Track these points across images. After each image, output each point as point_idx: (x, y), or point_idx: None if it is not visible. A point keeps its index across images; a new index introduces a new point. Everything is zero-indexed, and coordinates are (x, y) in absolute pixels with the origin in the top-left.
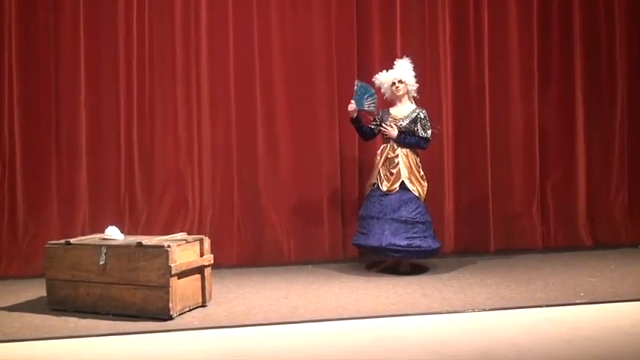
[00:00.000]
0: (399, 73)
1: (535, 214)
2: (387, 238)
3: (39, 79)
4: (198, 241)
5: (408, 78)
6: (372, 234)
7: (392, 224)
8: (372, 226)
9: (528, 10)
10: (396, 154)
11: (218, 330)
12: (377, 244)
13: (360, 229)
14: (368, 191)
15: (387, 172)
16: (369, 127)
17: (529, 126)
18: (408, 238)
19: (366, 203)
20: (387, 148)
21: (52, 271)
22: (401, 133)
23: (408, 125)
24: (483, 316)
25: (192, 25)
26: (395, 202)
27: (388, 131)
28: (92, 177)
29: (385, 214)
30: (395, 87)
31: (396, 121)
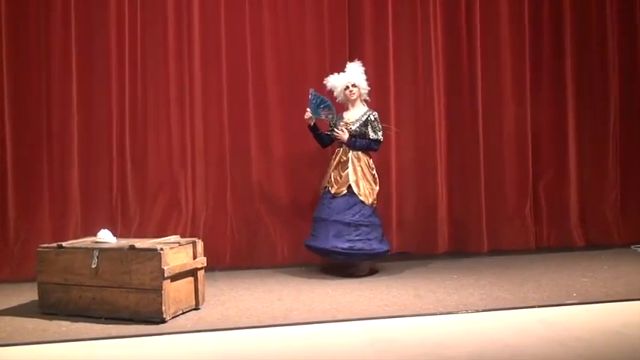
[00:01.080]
0: (352, 77)
1: (528, 215)
2: (331, 240)
3: (30, 81)
4: (191, 243)
5: (361, 82)
6: (319, 236)
7: (335, 226)
8: (320, 228)
9: (520, 12)
10: (347, 157)
11: (211, 333)
12: (322, 246)
13: (312, 231)
14: (321, 194)
15: (337, 176)
16: (326, 134)
17: (521, 128)
18: (350, 240)
19: (318, 205)
20: (339, 152)
21: (44, 275)
22: (352, 137)
23: (358, 128)
24: (477, 317)
25: (185, 28)
26: (342, 204)
27: (340, 135)
28: (84, 180)
29: (331, 216)
30: (349, 91)
31: (347, 125)
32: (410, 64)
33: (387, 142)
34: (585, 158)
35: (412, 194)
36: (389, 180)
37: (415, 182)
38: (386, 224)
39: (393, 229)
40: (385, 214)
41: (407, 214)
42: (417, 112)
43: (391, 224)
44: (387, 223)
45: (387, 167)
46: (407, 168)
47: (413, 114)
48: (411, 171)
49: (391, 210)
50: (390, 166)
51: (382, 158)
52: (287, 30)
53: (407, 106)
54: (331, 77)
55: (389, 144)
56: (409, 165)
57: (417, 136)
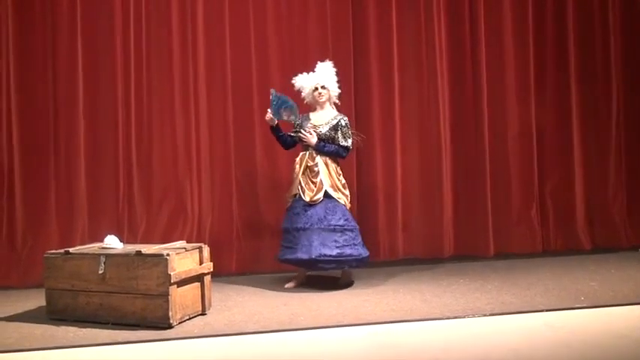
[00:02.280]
0: (322, 78)
1: (534, 218)
2: (317, 249)
3: (36, 89)
4: (197, 249)
5: (331, 84)
6: (299, 246)
7: (320, 234)
8: (298, 238)
9: (523, 14)
10: (315, 162)
11: (218, 338)
12: (306, 257)
13: (286, 243)
14: (289, 203)
15: (308, 182)
16: (289, 135)
17: (526, 130)
18: (339, 247)
19: (289, 215)
20: (305, 156)
21: (52, 281)
22: (320, 141)
23: (327, 132)
24: (484, 322)
25: (190, 34)
26: (321, 211)
27: (307, 138)
28: (91, 186)
29: (312, 224)
30: (318, 93)
31: (316, 128)
32: (414, 65)
33: (392, 145)
34: (591, 160)
35: (417, 198)
36: (394, 183)
37: (420, 186)
38: (391, 228)
39: (399, 233)
40: (390, 218)
41: (412, 217)
42: (421, 115)
43: (396, 228)
44: (392, 227)
45: (392, 170)
46: (412, 171)
47: (417, 116)
48: (415, 174)
49: (396, 214)
50: (395, 170)
51: (386, 162)
52: (291, 35)
53: (411, 109)
54: (300, 77)
55: (393, 147)
56: (414, 168)
57: (421, 139)
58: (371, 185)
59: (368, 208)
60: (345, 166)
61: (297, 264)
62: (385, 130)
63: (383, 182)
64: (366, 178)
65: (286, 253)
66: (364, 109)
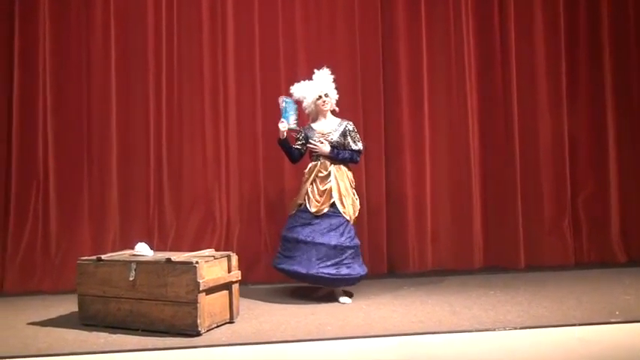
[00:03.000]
0: (324, 86)
1: (566, 230)
2: (315, 266)
3: (71, 99)
4: (225, 257)
5: (332, 91)
6: (298, 259)
7: (320, 250)
8: (298, 250)
9: (555, 19)
10: (327, 171)
11: (246, 346)
12: (304, 271)
13: (284, 252)
14: (294, 211)
15: (315, 192)
16: (296, 148)
17: (558, 139)
18: (336, 266)
19: (291, 224)
20: (317, 167)
21: (84, 287)
22: (333, 148)
23: (339, 139)
24: (514, 335)
25: (220, 45)
26: (325, 225)
27: (319, 148)
28: (122, 194)
29: (313, 238)
30: (322, 101)
31: (325, 136)
32: (443, 73)
33: (421, 154)
34: (626, 169)
35: (446, 208)
36: (423, 193)
37: (449, 196)
38: (420, 239)
39: (428, 243)
40: (419, 228)
41: (441, 228)
42: (450, 124)
43: (425, 239)
44: (421, 237)
45: (421, 180)
46: (441, 181)
47: (447, 125)
48: (445, 184)
49: (425, 224)
50: (424, 179)
51: (415, 171)
52: (319, 46)
53: (441, 117)
54: (300, 86)
55: (423, 156)
56: (443, 178)
57: (451, 149)
58: (400, 195)
59: (397, 218)
60: (374, 175)
61: (292, 276)
62: (414, 139)
63: (412, 192)
64: (395, 188)
65: (282, 262)
66: (393, 118)
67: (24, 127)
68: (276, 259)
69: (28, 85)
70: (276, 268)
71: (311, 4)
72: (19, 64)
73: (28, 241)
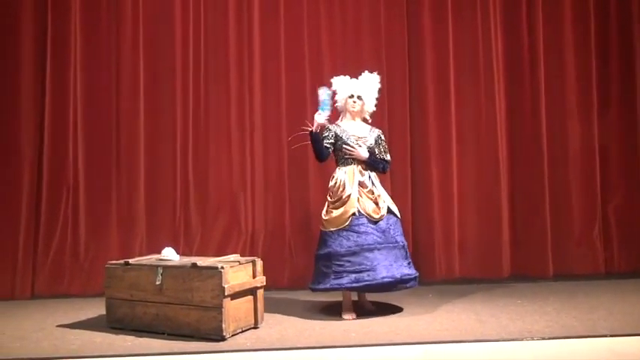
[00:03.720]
0: (360, 88)
1: (596, 239)
2: (399, 268)
3: (101, 106)
4: (250, 262)
5: (369, 97)
6: (378, 268)
7: (395, 252)
8: (372, 259)
9: (585, 23)
10: (366, 176)
11: (270, 352)
12: (391, 278)
13: (351, 268)
14: (346, 223)
15: (365, 198)
16: (325, 146)
17: (588, 146)
18: (409, 265)
19: (350, 235)
20: (354, 171)
21: (112, 291)
22: (370, 154)
23: (373, 145)
24: (542, 345)
25: (246, 52)
26: (385, 227)
27: (356, 152)
28: (149, 200)
29: (386, 241)
30: (353, 101)
31: (361, 140)
32: (471, 82)
33: (448, 161)
34: None
35: (474, 216)
36: (450, 201)
37: (477, 203)
38: (447, 247)
39: (455, 252)
40: (446, 236)
41: (468, 236)
42: (479, 134)
43: (453, 247)
44: (449, 245)
45: (448, 188)
46: (468, 189)
47: (475, 135)
48: (473, 193)
49: (453, 232)
50: (452, 187)
51: (442, 178)
52: (345, 52)
53: (468, 125)
54: (340, 78)
55: (450, 163)
56: (471, 187)
57: (478, 156)
58: (427, 202)
59: (423, 226)
60: (399, 182)
61: (375, 289)
62: (441, 147)
63: (439, 199)
64: (421, 195)
65: (360, 278)
66: (419, 125)
67: (55, 135)
68: (328, 279)
69: (58, 95)
70: (340, 287)
71: (336, 10)
72: (51, 73)
73: (58, 246)
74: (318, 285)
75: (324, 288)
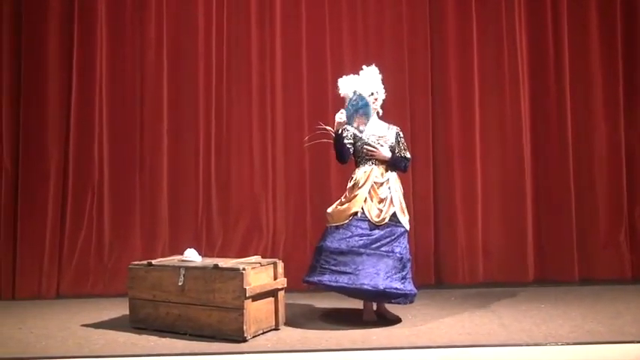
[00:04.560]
0: (375, 84)
1: (623, 243)
2: (385, 279)
3: (126, 109)
4: (272, 264)
5: (381, 90)
6: (361, 273)
7: (387, 262)
8: (358, 263)
9: (612, 27)
10: (385, 178)
11: (291, 354)
12: (371, 287)
13: (335, 267)
14: (346, 221)
15: (374, 200)
16: (347, 147)
17: (614, 148)
18: (402, 280)
19: (342, 235)
20: (372, 171)
21: (135, 291)
22: (392, 153)
23: (394, 144)
24: (567, 351)
25: (268, 54)
26: (386, 235)
27: (378, 151)
28: (172, 201)
29: (378, 248)
30: (374, 99)
31: (381, 139)
32: (496, 82)
33: (472, 164)
34: None
35: (498, 220)
36: (474, 205)
37: (502, 207)
38: (471, 251)
39: (479, 256)
40: (470, 240)
41: (493, 240)
42: (503, 134)
43: (477, 251)
44: (473, 249)
45: (473, 191)
46: (493, 192)
47: (499, 136)
48: (497, 195)
49: (477, 236)
50: (476, 190)
51: (466, 181)
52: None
53: (493, 128)
54: (347, 80)
55: (473, 167)
56: (495, 189)
57: (503, 159)
58: (449, 205)
59: (446, 229)
60: (421, 183)
61: (352, 294)
62: (464, 149)
63: (462, 201)
64: (443, 198)
65: (339, 279)
66: (442, 125)
67: (81, 138)
68: (315, 273)
69: (84, 97)
70: (329, 286)
71: (358, 10)
72: (77, 75)
73: (83, 247)
74: (306, 277)
75: (306, 280)
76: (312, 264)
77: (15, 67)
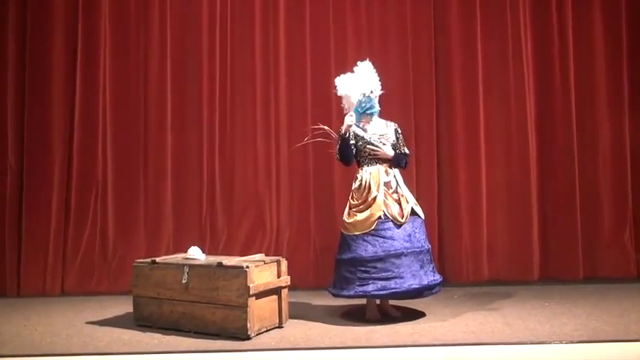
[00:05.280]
0: (373, 82)
1: (627, 241)
2: (426, 274)
3: (130, 106)
4: (275, 262)
5: (377, 87)
6: (406, 275)
7: (421, 257)
8: (399, 266)
9: (617, 25)
10: (391, 176)
11: (294, 352)
12: (418, 285)
13: (377, 274)
14: (371, 228)
15: (391, 200)
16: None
17: (619, 147)
18: (434, 268)
19: (375, 240)
20: (379, 171)
21: (139, 289)
22: (394, 151)
23: (394, 142)
24: (571, 349)
25: (272, 53)
26: (412, 231)
27: (382, 151)
28: (176, 199)
29: (412, 246)
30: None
31: (383, 138)
32: (500, 81)
33: (476, 163)
34: None
35: (503, 218)
36: (479, 203)
37: (506, 205)
38: (476, 249)
39: (484, 254)
40: (475, 238)
41: (497, 238)
42: (508, 132)
43: (482, 249)
44: (478, 248)
45: (477, 189)
46: (498, 191)
47: (504, 133)
48: (502, 194)
49: (481, 235)
50: (480, 189)
51: (471, 180)
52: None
53: (498, 125)
54: (345, 79)
55: (478, 165)
56: (500, 188)
57: (508, 157)
58: (453, 204)
59: (450, 227)
60: (425, 182)
61: (401, 296)
62: (469, 148)
63: (466, 199)
64: (448, 197)
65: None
66: (447, 123)
67: (84, 135)
68: (352, 285)
69: (88, 95)
70: (366, 295)
71: (362, 10)
72: (82, 73)
73: (87, 245)
74: (341, 291)
75: (348, 295)
76: (345, 276)
77: (19, 66)
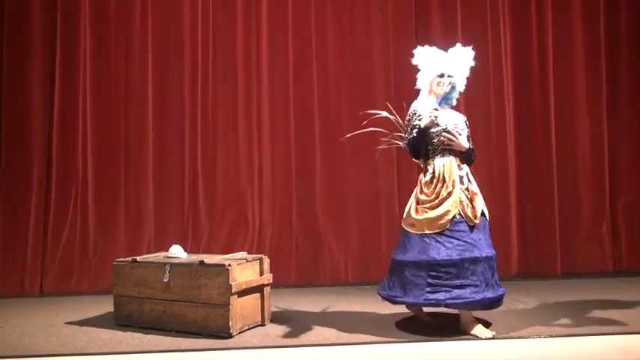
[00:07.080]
0: (455, 65)
1: (605, 236)
2: (499, 282)
3: (110, 104)
4: (257, 260)
5: (460, 77)
6: (482, 283)
7: (493, 264)
8: (475, 273)
9: (595, 27)
10: (464, 171)
11: (277, 349)
12: (492, 295)
13: (450, 281)
14: (448, 226)
15: (465, 199)
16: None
17: (597, 143)
18: (499, 278)
19: (449, 242)
20: (452, 164)
21: (120, 288)
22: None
23: (469, 134)
24: (550, 343)
25: (254, 51)
26: (484, 233)
27: (457, 141)
28: (157, 198)
29: (486, 252)
30: (441, 81)
31: (456, 128)
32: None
33: None
34: None
35: None
36: None
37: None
38: None
39: None
40: None
41: None
42: (487, 129)
43: None
44: None
45: None
46: None
47: (483, 130)
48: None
49: None
50: None
51: None
52: (353, 52)
53: (477, 125)
54: (429, 50)
55: None
56: (479, 183)
57: (487, 154)
58: None
59: None
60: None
61: (474, 307)
62: None
63: None
64: None
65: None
66: None
67: (64, 132)
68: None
69: (68, 91)
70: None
71: (344, 9)
72: (60, 70)
73: (67, 243)
74: (405, 297)
75: (416, 302)
76: (410, 280)
77: None
